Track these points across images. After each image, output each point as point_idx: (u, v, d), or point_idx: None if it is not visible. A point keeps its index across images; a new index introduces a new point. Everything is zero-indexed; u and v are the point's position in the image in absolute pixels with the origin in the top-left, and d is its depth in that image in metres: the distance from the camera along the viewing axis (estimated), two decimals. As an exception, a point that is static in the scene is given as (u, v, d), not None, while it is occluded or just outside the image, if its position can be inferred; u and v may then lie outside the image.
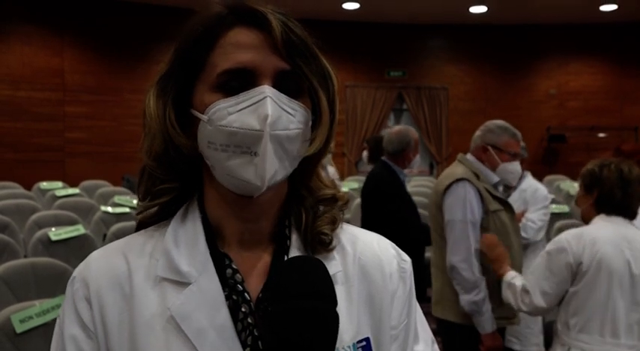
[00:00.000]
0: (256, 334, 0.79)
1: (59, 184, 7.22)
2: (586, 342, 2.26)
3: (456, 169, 2.79)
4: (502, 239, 2.64)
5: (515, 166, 2.80)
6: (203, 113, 0.79)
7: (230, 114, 0.77)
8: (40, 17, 9.21)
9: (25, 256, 4.14)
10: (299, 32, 0.81)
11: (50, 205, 6.08)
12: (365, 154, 5.53)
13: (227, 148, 0.78)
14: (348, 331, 0.82)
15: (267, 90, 0.77)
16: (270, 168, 0.77)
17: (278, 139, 0.77)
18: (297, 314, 0.72)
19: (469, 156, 2.84)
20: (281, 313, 0.72)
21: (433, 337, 0.93)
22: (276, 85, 0.79)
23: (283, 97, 0.78)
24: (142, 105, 0.85)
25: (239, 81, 0.79)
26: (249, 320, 0.79)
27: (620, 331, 2.22)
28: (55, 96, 9.35)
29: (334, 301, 0.75)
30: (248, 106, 0.77)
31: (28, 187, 7.24)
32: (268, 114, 0.76)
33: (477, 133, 2.87)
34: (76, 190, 6.83)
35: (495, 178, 2.79)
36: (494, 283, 2.60)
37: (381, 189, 3.73)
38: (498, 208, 2.70)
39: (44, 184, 7.19)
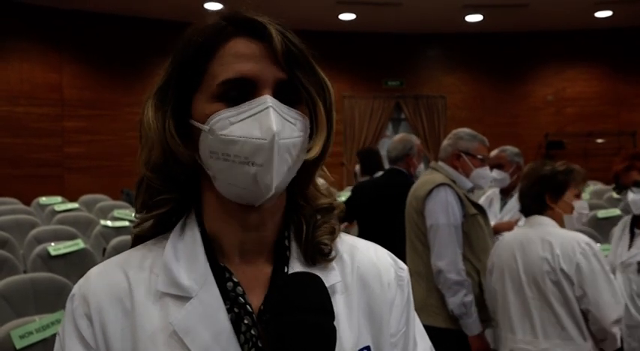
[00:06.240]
0: (260, 345, 0.78)
1: (58, 198, 7.20)
2: (499, 334, 2.50)
3: (433, 176, 2.84)
4: (479, 242, 2.74)
5: (487, 171, 2.92)
6: (204, 123, 0.79)
7: (232, 124, 0.78)
8: (38, 33, 9.24)
9: (25, 272, 4.12)
10: (297, 43, 0.82)
11: (49, 220, 6.07)
12: (357, 167, 5.49)
13: (228, 157, 0.78)
14: (349, 340, 0.82)
15: (268, 100, 0.78)
16: (277, 176, 0.78)
17: (283, 147, 0.78)
18: (304, 328, 0.72)
19: (442, 164, 2.90)
20: (288, 325, 0.72)
21: (432, 345, 0.93)
22: (276, 95, 0.79)
23: (283, 107, 0.79)
24: (139, 117, 0.85)
25: (239, 91, 0.79)
26: (253, 332, 0.79)
27: (516, 327, 2.37)
28: (54, 111, 9.37)
29: (333, 317, 0.76)
30: (250, 116, 0.78)
31: (27, 203, 7.22)
32: (272, 125, 0.76)
33: (447, 141, 2.94)
34: (75, 205, 6.81)
35: (469, 185, 2.87)
36: (475, 287, 2.69)
37: (396, 196, 3.46)
38: (476, 212, 2.77)
39: (43, 199, 7.17)
